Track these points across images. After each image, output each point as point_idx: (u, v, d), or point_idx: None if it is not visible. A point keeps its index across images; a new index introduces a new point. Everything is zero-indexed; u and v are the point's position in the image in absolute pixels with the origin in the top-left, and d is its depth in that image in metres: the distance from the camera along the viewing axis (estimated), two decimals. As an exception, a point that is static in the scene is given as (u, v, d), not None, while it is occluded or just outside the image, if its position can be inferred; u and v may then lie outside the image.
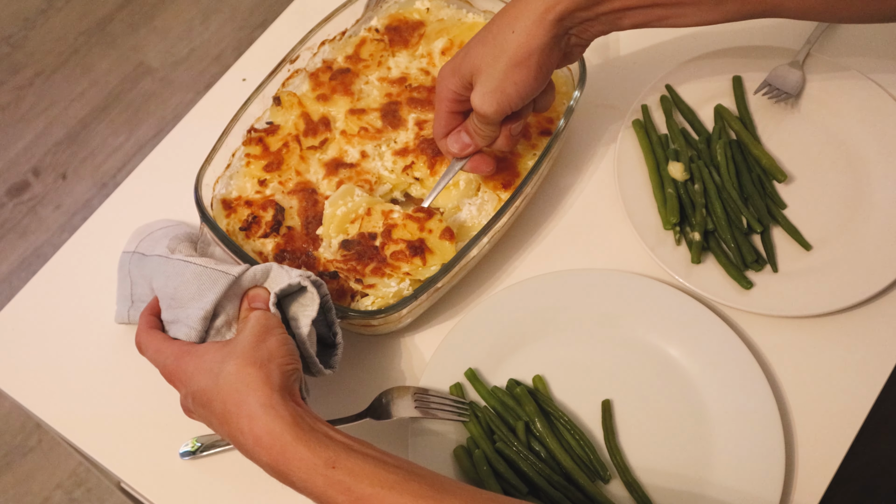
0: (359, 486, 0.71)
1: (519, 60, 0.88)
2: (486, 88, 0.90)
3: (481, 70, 0.90)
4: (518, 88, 0.89)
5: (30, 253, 2.25)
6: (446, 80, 0.94)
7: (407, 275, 0.96)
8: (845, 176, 1.07)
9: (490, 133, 0.95)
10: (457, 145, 0.97)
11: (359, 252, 0.98)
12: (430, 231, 0.98)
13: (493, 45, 0.89)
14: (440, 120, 0.97)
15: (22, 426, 2.01)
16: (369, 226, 0.99)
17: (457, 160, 0.99)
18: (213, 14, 2.57)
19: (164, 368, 0.85)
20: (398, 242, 0.97)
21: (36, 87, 2.47)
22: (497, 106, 0.90)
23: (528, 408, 0.94)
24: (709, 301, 1.00)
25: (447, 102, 0.95)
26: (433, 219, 0.99)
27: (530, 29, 0.87)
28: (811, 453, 0.93)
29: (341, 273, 0.97)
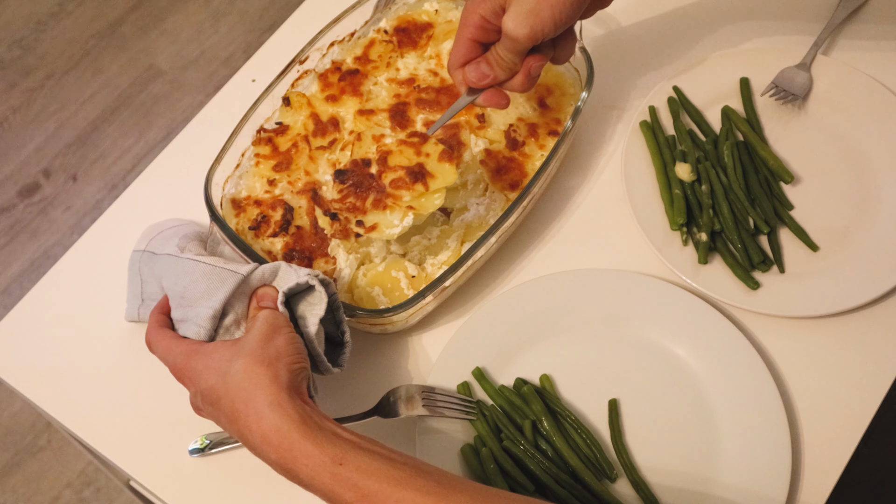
0: (366, 482, 0.71)
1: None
2: (520, 10, 0.86)
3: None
4: (553, 12, 0.86)
5: (40, 254, 2.26)
6: (474, 5, 0.90)
7: (410, 208, 0.93)
8: (852, 177, 1.08)
9: (512, 64, 0.91)
10: (475, 74, 0.93)
11: (355, 183, 0.94)
12: (428, 155, 0.95)
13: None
14: (459, 48, 0.93)
15: (32, 425, 2.02)
16: (360, 151, 0.96)
17: (470, 92, 0.95)
18: (222, 17, 2.59)
19: (174, 366, 0.85)
20: (396, 169, 0.94)
21: (47, 89, 2.49)
22: (530, 29, 0.86)
23: (535, 407, 0.94)
24: (715, 301, 1.00)
25: (471, 28, 0.91)
26: (429, 142, 0.96)
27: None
28: (817, 453, 0.94)
29: (341, 214, 0.94)
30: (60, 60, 2.53)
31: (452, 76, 0.96)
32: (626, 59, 1.19)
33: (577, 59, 1.08)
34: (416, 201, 0.94)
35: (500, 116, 1.10)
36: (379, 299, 0.99)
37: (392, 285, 0.99)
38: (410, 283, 0.99)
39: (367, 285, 0.99)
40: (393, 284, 0.99)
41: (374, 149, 0.96)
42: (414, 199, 0.94)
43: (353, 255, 1.00)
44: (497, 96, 0.95)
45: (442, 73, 1.13)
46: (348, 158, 0.98)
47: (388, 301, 0.99)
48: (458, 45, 0.94)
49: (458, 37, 0.93)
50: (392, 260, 1.01)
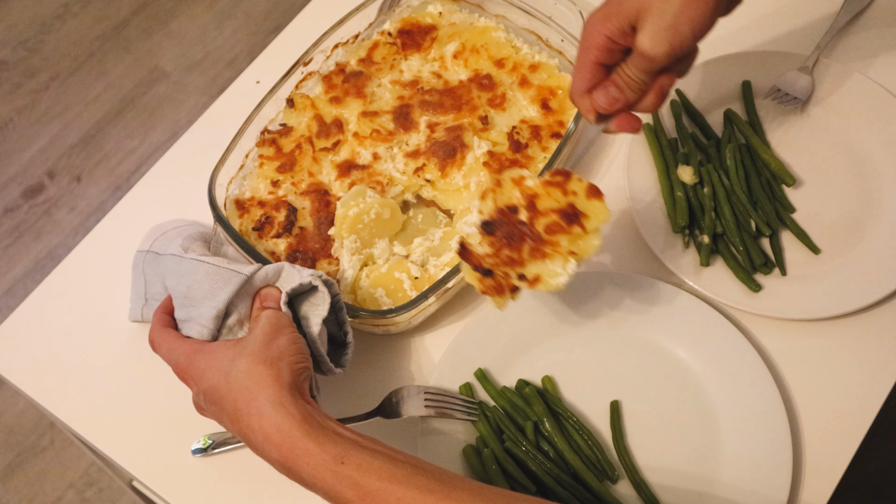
0: (367, 480, 0.72)
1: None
2: (658, 27, 0.79)
3: (650, 8, 0.79)
4: (693, 26, 0.79)
5: (44, 255, 2.27)
6: (598, 26, 0.82)
7: (571, 253, 0.85)
8: (854, 180, 1.08)
9: (644, 84, 0.84)
10: (605, 99, 0.85)
11: (506, 234, 0.86)
12: (575, 193, 0.88)
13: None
14: (583, 73, 0.85)
15: (35, 426, 2.03)
16: (504, 198, 0.88)
17: (599, 119, 0.88)
18: (227, 19, 2.60)
19: (177, 366, 0.86)
20: (547, 214, 0.86)
21: (52, 90, 2.50)
22: (669, 46, 0.80)
23: (536, 408, 0.95)
24: (717, 303, 1.01)
25: (595, 51, 0.84)
26: (572, 180, 0.88)
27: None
28: (819, 455, 0.94)
29: (497, 270, 0.86)
30: (65, 62, 2.54)
31: (578, 104, 0.88)
32: (629, 62, 1.19)
33: (580, 62, 1.08)
34: (574, 244, 0.86)
35: (504, 119, 1.10)
36: (382, 300, 0.99)
37: (395, 286, 0.99)
38: (413, 284, 0.99)
39: (370, 286, 1.00)
40: (396, 286, 1.00)
41: (517, 193, 0.88)
42: (572, 242, 0.86)
43: (357, 256, 1.01)
44: (630, 120, 0.88)
45: (445, 76, 1.13)
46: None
47: (391, 302, 0.99)
48: (581, 71, 0.86)
49: (582, 61, 0.86)
50: (395, 261, 1.01)
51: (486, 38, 1.14)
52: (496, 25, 1.16)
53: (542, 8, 1.12)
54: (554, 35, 1.11)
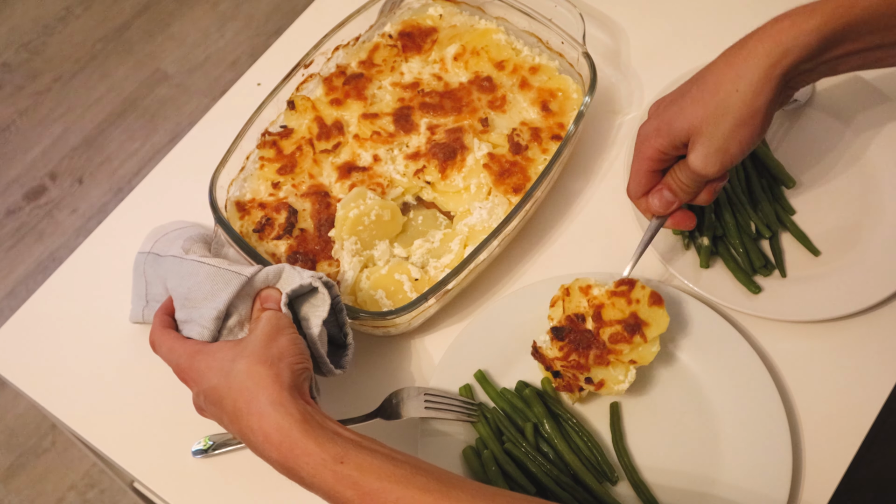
0: (367, 480, 0.72)
1: (745, 120, 0.84)
2: (709, 150, 0.86)
3: (701, 131, 0.86)
4: (742, 147, 0.86)
5: (46, 256, 2.27)
6: (651, 140, 0.90)
7: (632, 362, 0.94)
8: (854, 182, 1.08)
9: (697, 189, 0.92)
10: (661, 203, 0.94)
11: (574, 340, 0.94)
12: (638, 301, 0.95)
13: (714, 105, 0.85)
14: (639, 179, 0.94)
15: (37, 427, 2.03)
16: (572, 306, 0.96)
17: (657, 218, 0.97)
18: (228, 21, 2.60)
19: (177, 367, 0.86)
20: (612, 324, 0.94)
21: (54, 92, 2.50)
22: (720, 166, 0.87)
23: (536, 409, 0.95)
24: (717, 305, 1.01)
25: (649, 162, 0.92)
26: (636, 288, 0.96)
27: (757, 86, 0.83)
28: (819, 456, 0.94)
29: (565, 372, 0.94)
30: (67, 64, 2.54)
31: (637, 204, 0.97)
32: (630, 65, 1.19)
33: (581, 64, 1.09)
34: (635, 353, 0.94)
35: (504, 121, 1.10)
36: (382, 302, 0.99)
37: (395, 288, 1.00)
38: (413, 285, 1.00)
39: (370, 288, 1.00)
40: (396, 287, 1.00)
41: (584, 302, 0.96)
42: (633, 351, 0.94)
43: (357, 257, 1.01)
44: (685, 219, 0.96)
45: (446, 78, 1.14)
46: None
47: (392, 304, 0.99)
48: (637, 178, 0.94)
49: (636, 169, 0.93)
50: (395, 263, 1.01)
51: (486, 40, 1.15)
52: (497, 28, 1.16)
53: (542, 10, 1.12)
54: (554, 37, 1.12)
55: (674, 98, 0.90)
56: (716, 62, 0.87)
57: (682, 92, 0.89)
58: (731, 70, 0.84)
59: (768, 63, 0.82)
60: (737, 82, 0.83)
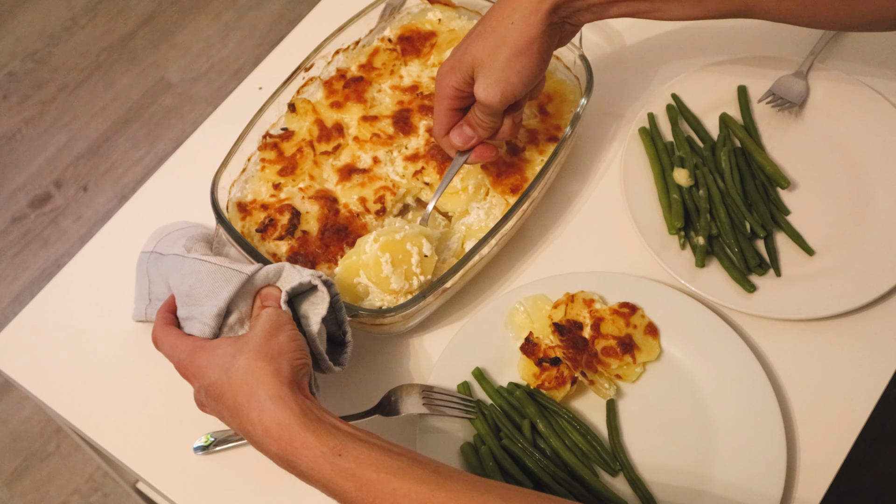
0: (364, 472, 0.73)
1: (520, 50, 0.91)
2: (489, 79, 0.92)
3: (483, 62, 0.92)
4: (521, 77, 0.92)
5: (51, 263, 2.29)
6: (446, 78, 0.96)
7: (617, 377, 0.98)
8: (848, 183, 1.09)
9: (492, 123, 0.97)
10: (460, 139, 0.99)
11: (571, 340, 0.98)
12: (636, 326, 1.00)
13: (493, 37, 0.92)
14: (441, 118, 1.00)
15: (41, 431, 2.04)
16: (573, 313, 1.00)
17: (460, 155, 1.01)
18: (232, 31, 2.62)
19: (178, 363, 0.87)
20: (608, 338, 0.99)
21: (59, 101, 2.52)
22: (501, 95, 0.93)
23: (529, 409, 0.96)
24: (712, 304, 1.02)
25: (448, 100, 0.98)
26: (636, 314, 1.00)
27: (528, 18, 0.90)
28: (813, 453, 0.95)
29: (564, 361, 0.98)
30: (73, 73, 2.57)
31: (440, 143, 1.02)
32: (626, 67, 1.21)
33: (577, 67, 1.10)
34: (621, 370, 0.99)
35: (502, 123, 1.11)
36: (384, 266, 0.96)
37: (402, 257, 0.97)
38: (420, 261, 0.98)
39: (378, 248, 0.97)
40: (404, 256, 0.97)
41: (585, 312, 1.00)
42: (620, 367, 0.99)
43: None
44: (486, 151, 1.01)
45: (444, 81, 1.15)
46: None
47: (391, 271, 0.96)
48: (438, 116, 1.00)
49: (437, 108, 0.99)
50: (412, 233, 0.99)
51: (484, 44, 1.16)
52: (495, 32, 1.17)
53: (539, 14, 1.13)
54: (551, 41, 1.13)
55: (466, 38, 0.96)
56: (499, 2, 0.93)
57: (473, 31, 0.95)
58: (507, 6, 0.92)
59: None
60: (511, 15, 0.91)
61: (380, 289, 0.98)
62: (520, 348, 0.99)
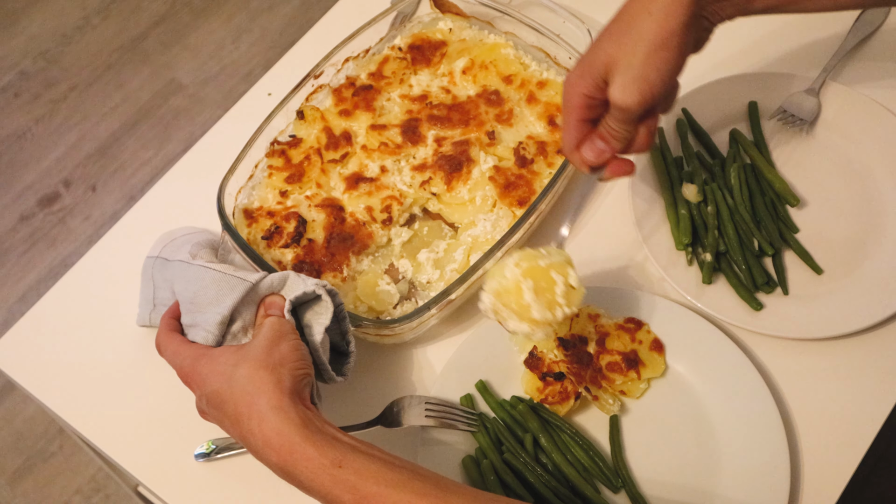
0: (364, 484, 0.73)
1: (660, 43, 0.81)
2: (626, 79, 0.83)
3: (618, 61, 0.83)
4: (661, 74, 0.82)
5: (58, 262, 2.29)
6: (575, 86, 0.86)
7: (622, 392, 0.98)
8: (858, 202, 1.08)
9: (627, 133, 0.88)
10: (592, 153, 0.89)
11: (576, 355, 0.97)
12: (641, 342, 0.99)
13: (628, 33, 0.82)
14: (570, 131, 0.90)
15: (44, 432, 2.05)
16: (578, 327, 0.99)
17: (592, 171, 0.92)
18: (243, 34, 2.63)
19: (181, 370, 0.87)
20: (612, 353, 0.98)
21: (70, 101, 2.53)
22: (640, 95, 0.83)
23: (532, 424, 0.95)
24: (719, 321, 1.01)
25: (578, 110, 0.88)
26: (642, 329, 1.00)
27: (669, 8, 0.81)
28: (817, 474, 0.94)
29: (568, 375, 0.96)
30: (84, 73, 2.57)
31: (570, 159, 0.92)
32: (637, 81, 1.20)
33: (587, 80, 1.09)
34: (626, 385, 0.98)
35: (511, 134, 1.11)
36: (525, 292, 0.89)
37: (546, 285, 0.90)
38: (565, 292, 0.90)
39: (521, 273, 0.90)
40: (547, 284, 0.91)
41: (591, 328, 0.99)
42: (624, 383, 0.98)
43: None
44: (622, 165, 0.92)
45: (454, 91, 1.15)
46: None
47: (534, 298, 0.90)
48: (568, 129, 0.90)
49: (566, 121, 0.90)
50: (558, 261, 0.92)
51: (495, 54, 1.16)
52: (505, 42, 1.17)
53: (550, 26, 1.13)
54: (562, 53, 1.13)
55: (595, 42, 0.86)
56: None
57: (602, 33, 0.86)
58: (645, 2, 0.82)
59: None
60: (649, 6, 0.82)
61: (518, 316, 0.90)
62: (524, 362, 0.98)
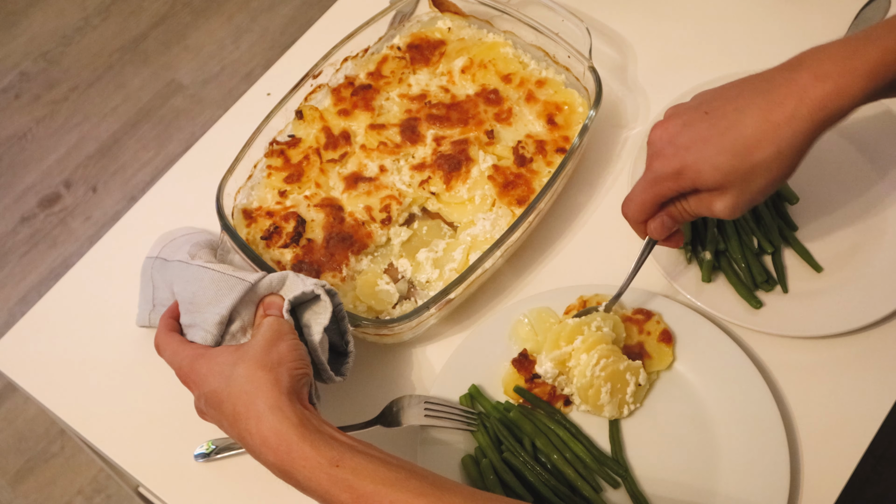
0: (361, 483, 0.73)
1: (782, 177, 0.83)
2: (739, 201, 0.84)
3: (734, 185, 0.83)
4: (767, 195, 0.85)
5: (59, 263, 2.29)
6: (669, 182, 0.86)
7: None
8: (857, 199, 1.08)
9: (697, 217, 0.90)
10: (661, 230, 0.92)
11: None
12: (649, 333, 0.99)
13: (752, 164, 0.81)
14: (644, 207, 0.90)
15: (45, 432, 2.05)
16: None
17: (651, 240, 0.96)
18: (244, 34, 2.63)
19: (179, 370, 0.87)
20: None
21: (70, 101, 2.53)
22: (743, 212, 0.87)
23: (526, 428, 0.95)
24: (718, 319, 1.01)
25: (662, 198, 0.89)
26: (651, 320, 0.99)
27: (800, 149, 0.81)
28: (817, 471, 0.94)
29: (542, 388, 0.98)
30: (84, 74, 2.58)
31: (633, 226, 0.94)
32: (636, 79, 1.20)
33: (586, 78, 1.09)
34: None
35: (510, 133, 1.11)
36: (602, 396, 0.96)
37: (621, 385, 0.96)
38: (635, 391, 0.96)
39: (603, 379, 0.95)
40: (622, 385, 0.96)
41: None
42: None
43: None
44: (677, 237, 0.94)
45: (453, 90, 1.15)
46: None
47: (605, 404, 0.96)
48: (642, 206, 0.90)
49: (643, 199, 0.90)
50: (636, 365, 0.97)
51: (494, 53, 1.16)
52: (504, 41, 1.17)
53: (549, 24, 1.13)
54: (561, 51, 1.13)
55: (701, 134, 0.83)
56: (753, 109, 0.81)
57: (712, 128, 0.82)
58: (772, 130, 0.80)
59: (812, 127, 0.80)
60: (779, 144, 0.80)
61: (587, 404, 0.96)
62: (511, 361, 0.98)
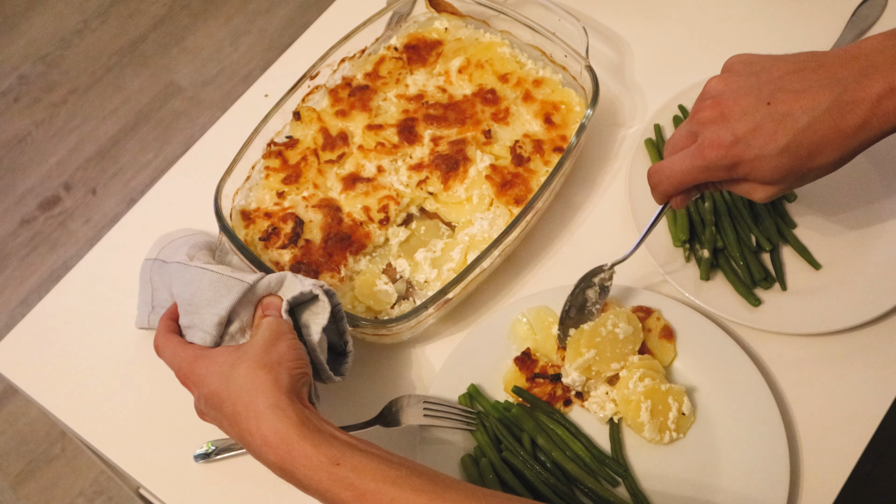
0: (362, 481, 0.73)
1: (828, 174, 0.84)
2: (781, 192, 0.86)
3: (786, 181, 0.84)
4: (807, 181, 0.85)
5: (59, 266, 2.29)
6: (720, 171, 0.85)
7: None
8: (855, 197, 1.08)
9: None
10: (684, 202, 0.92)
11: None
12: (650, 330, 0.99)
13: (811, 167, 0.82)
14: (682, 187, 0.89)
15: (47, 434, 2.05)
16: None
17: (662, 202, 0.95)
18: (242, 35, 2.63)
19: (179, 371, 0.87)
20: None
21: (70, 104, 2.53)
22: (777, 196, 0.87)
23: (526, 426, 0.95)
24: (717, 317, 1.01)
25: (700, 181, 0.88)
26: (651, 317, 0.99)
27: (857, 152, 0.81)
28: (817, 468, 0.94)
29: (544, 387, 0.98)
30: (83, 77, 2.58)
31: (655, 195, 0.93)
32: (633, 78, 1.20)
33: (583, 77, 1.10)
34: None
35: (507, 133, 1.11)
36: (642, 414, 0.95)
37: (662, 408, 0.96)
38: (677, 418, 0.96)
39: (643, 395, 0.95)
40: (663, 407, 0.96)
41: None
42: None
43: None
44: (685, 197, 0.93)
45: (450, 90, 1.15)
46: None
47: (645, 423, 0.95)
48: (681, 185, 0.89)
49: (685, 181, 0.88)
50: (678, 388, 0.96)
51: (490, 53, 1.16)
52: (501, 41, 1.17)
53: (546, 24, 1.13)
54: (558, 51, 1.13)
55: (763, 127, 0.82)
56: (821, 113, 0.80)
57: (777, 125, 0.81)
58: (840, 139, 0.80)
59: (879, 136, 0.80)
60: (843, 152, 0.81)
61: (628, 425, 0.96)
62: (514, 360, 0.98)
